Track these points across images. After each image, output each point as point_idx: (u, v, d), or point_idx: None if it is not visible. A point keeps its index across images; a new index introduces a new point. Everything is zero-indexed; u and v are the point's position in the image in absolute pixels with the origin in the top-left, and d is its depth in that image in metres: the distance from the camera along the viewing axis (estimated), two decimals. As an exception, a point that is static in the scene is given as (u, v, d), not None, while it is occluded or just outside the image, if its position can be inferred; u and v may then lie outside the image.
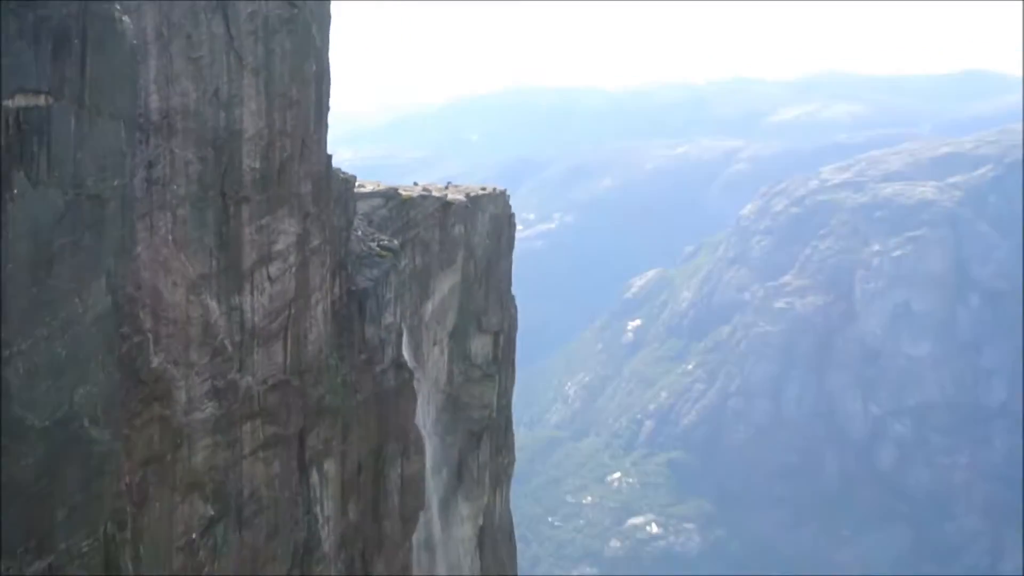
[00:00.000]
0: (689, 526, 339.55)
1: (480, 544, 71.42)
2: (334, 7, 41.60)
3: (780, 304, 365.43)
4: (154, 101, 28.07)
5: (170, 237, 29.18)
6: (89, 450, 25.22)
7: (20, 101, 22.72)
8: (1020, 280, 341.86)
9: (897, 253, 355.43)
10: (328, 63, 40.87)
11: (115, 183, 26.11)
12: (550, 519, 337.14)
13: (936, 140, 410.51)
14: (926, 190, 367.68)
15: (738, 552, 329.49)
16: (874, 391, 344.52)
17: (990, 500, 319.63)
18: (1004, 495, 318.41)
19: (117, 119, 25.98)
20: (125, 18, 26.02)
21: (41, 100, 23.42)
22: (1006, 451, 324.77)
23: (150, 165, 28.21)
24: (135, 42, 26.49)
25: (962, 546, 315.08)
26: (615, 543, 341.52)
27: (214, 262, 31.96)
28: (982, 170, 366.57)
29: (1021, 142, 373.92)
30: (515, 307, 75.70)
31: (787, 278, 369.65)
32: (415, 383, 58.06)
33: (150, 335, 28.25)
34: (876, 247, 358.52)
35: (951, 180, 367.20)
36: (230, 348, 33.04)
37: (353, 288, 50.63)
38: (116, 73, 25.76)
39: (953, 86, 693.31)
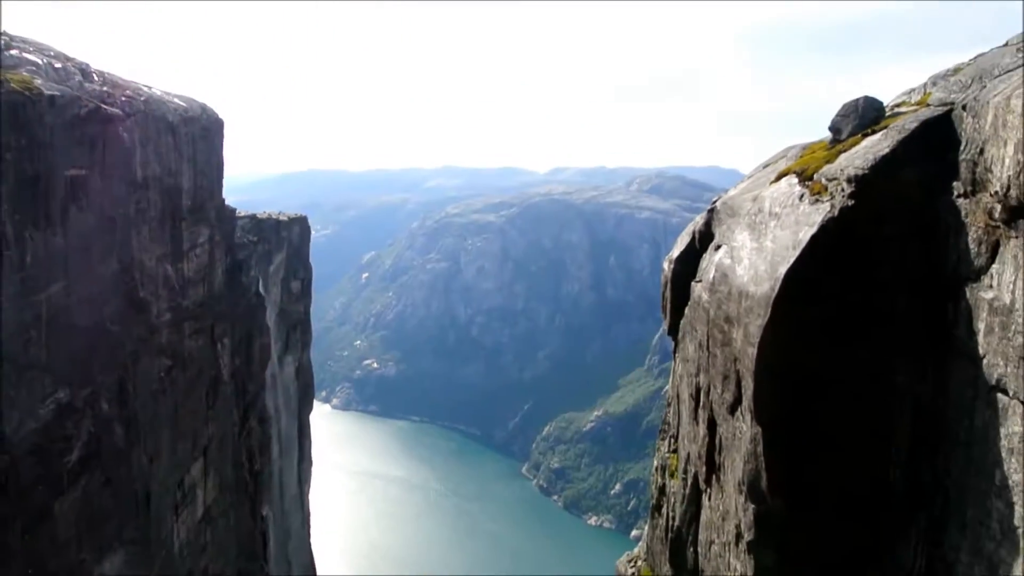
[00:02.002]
0: (391, 364, 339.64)
1: (296, 374, 70.20)
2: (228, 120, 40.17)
3: (430, 266, 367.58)
4: (139, 172, 26.29)
5: (147, 236, 27.49)
6: (109, 335, 23.76)
7: (72, 172, 21.19)
8: (532, 255, 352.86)
9: (478, 243, 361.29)
10: (222, 153, 39.00)
11: (120, 211, 24.57)
12: (328, 362, 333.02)
13: (492, 197, 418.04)
14: (490, 217, 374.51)
15: (412, 375, 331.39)
16: (465, 301, 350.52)
17: (519, 349, 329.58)
18: (525, 348, 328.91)
19: (120, 181, 24.42)
20: (124, 132, 24.42)
21: (83, 171, 21.85)
22: (529, 326, 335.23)
23: (137, 202, 26.48)
24: (128, 145, 24.85)
25: (505, 367, 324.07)
26: (357, 372, 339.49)
27: (168, 247, 30.26)
28: (513, 209, 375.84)
29: (528, 199, 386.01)
30: (311, 268, 74.41)
31: (431, 255, 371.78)
32: (265, 302, 56.62)
33: (138, 281, 26.62)
34: (469, 241, 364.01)
35: (501, 213, 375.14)
36: (177, 288, 31.36)
37: (235, 259, 49.10)
38: (120, 159, 24.21)
39: (499, 173, 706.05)
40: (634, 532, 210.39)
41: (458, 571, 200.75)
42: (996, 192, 10.52)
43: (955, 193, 11.99)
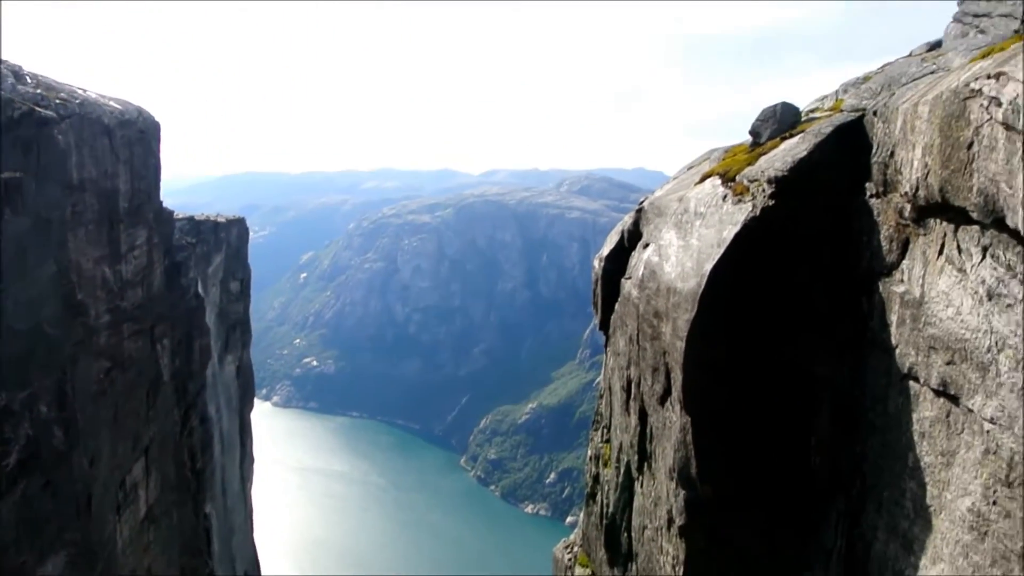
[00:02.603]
0: (330, 361, 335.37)
1: (237, 373, 68.75)
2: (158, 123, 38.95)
3: (367, 265, 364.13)
4: (74, 175, 25.33)
5: (84, 238, 26.56)
6: (47, 338, 22.90)
7: (6, 175, 20.35)
8: (468, 254, 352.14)
9: (415, 243, 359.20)
10: (159, 156, 37.76)
11: (56, 213, 23.70)
12: (268, 360, 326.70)
13: (428, 198, 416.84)
14: (425, 217, 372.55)
15: (351, 372, 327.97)
16: (402, 300, 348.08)
17: (455, 346, 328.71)
18: (461, 344, 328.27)
19: (55, 183, 23.54)
20: (59, 135, 23.54)
21: (17, 175, 21.01)
22: (465, 323, 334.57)
23: (73, 205, 25.54)
24: (64, 148, 23.98)
25: (442, 363, 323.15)
26: (297, 370, 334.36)
27: (106, 249, 29.29)
28: (448, 210, 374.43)
29: (463, 200, 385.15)
30: (250, 268, 72.85)
31: (368, 255, 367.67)
32: (205, 303, 55.35)
33: (76, 284, 25.72)
34: (405, 241, 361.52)
35: (437, 214, 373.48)
36: (116, 289, 30.36)
37: (174, 261, 47.84)
38: (54, 161, 23.34)
39: (435, 175, 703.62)
40: (569, 519, 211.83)
41: (401, 562, 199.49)
42: (906, 193, 10.83)
43: (868, 193, 12.31)
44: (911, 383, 10.53)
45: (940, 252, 9.95)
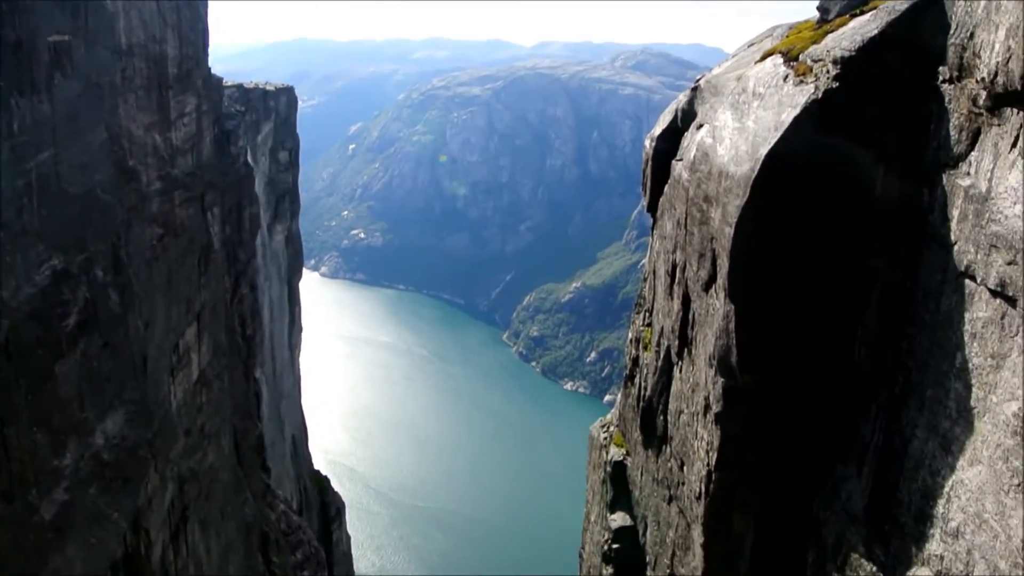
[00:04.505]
0: (377, 234, 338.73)
1: (285, 243, 69.81)
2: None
3: (416, 137, 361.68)
4: (123, 40, 25.08)
5: (134, 104, 26.52)
6: (101, 203, 23.30)
7: (55, 38, 20.27)
8: (517, 129, 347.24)
9: (464, 116, 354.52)
10: (207, 21, 37.12)
11: (105, 79, 23.66)
12: (317, 231, 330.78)
13: (479, 70, 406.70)
14: (476, 90, 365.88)
15: (399, 245, 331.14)
16: (450, 174, 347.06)
17: (502, 222, 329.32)
18: (508, 220, 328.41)
19: (105, 48, 23.39)
20: (107, 1, 23.30)
21: (66, 37, 20.90)
22: (512, 199, 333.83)
23: (123, 71, 25.43)
24: (111, 10, 23.70)
25: (489, 238, 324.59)
26: (345, 241, 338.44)
27: (156, 116, 29.26)
28: (498, 83, 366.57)
29: (514, 72, 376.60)
30: (298, 138, 72.57)
31: (417, 127, 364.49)
32: (254, 172, 55.67)
33: (127, 150, 25.87)
34: (455, 114, 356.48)
35: (487, 86, 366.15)
36: (166, 157, 30.42)
37: (223, 129, 47.82)
38: (103, 24, 23.10)
39: (486, 46, 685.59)
40: (607, 397, 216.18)
41: (443, 430, 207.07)
42: (982, 79, 10.20)
43: (941, 78, 11.64)
44: (967, 281, 10.21)
45: (1013, 145, 9.43)
